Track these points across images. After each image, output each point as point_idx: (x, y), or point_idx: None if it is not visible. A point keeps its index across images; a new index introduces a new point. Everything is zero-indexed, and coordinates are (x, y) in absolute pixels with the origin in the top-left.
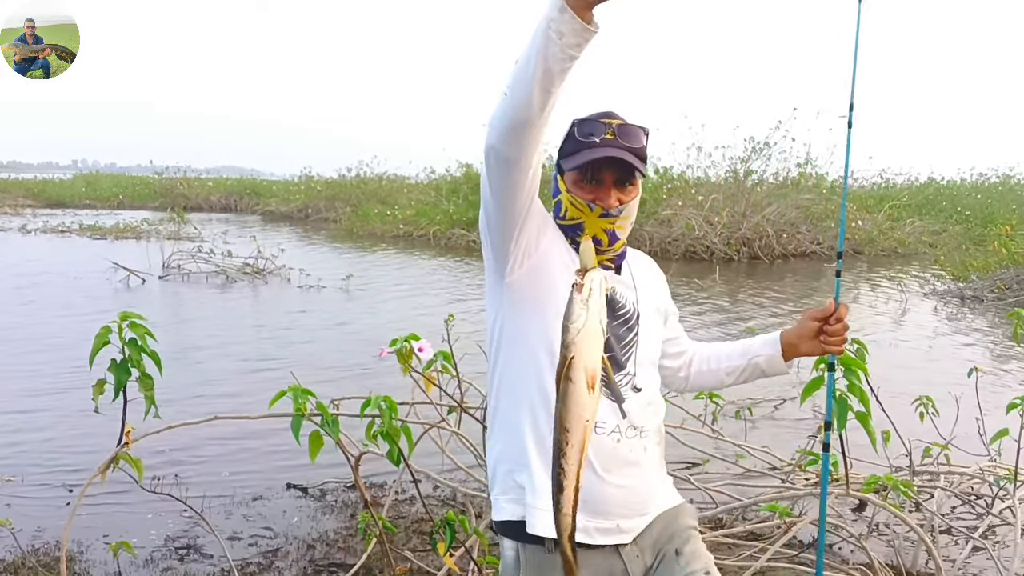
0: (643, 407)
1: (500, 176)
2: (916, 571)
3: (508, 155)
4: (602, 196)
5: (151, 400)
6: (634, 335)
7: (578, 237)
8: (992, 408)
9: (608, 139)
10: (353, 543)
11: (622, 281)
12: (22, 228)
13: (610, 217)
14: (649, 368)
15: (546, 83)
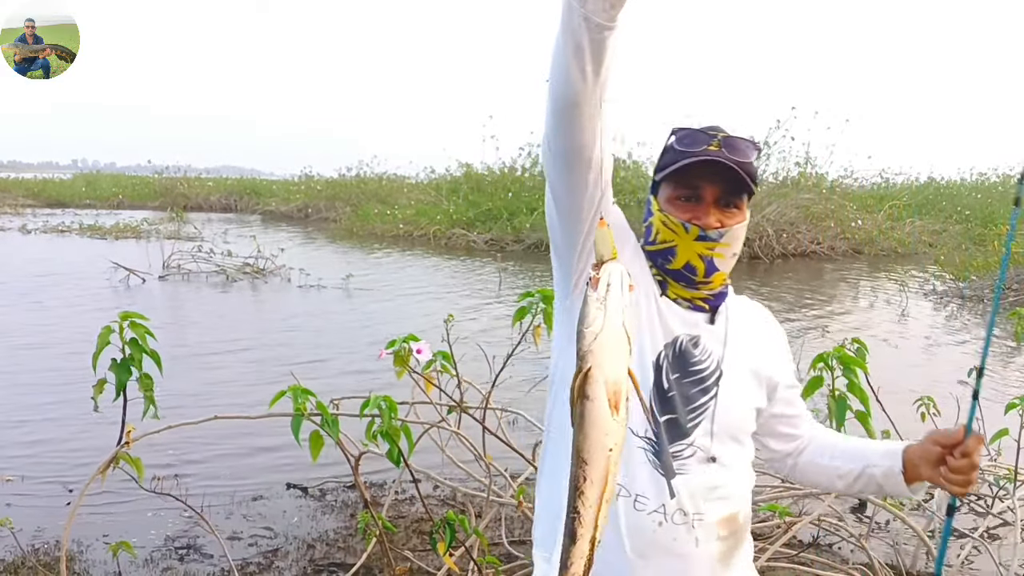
0: (703, 489)
1: (556, 172)
2: (916, 571)
3: (559, 146)
4: (700, 214)
5: (151, 400)
6: (709, 399)
7: (668, 264)
8: (992, 408)
9: (712, 150)
10: (353, 543)
11: (711, 332)
12: (22, 228)
13: (708, 240)
14: (727, 443)
15: (580, 60)
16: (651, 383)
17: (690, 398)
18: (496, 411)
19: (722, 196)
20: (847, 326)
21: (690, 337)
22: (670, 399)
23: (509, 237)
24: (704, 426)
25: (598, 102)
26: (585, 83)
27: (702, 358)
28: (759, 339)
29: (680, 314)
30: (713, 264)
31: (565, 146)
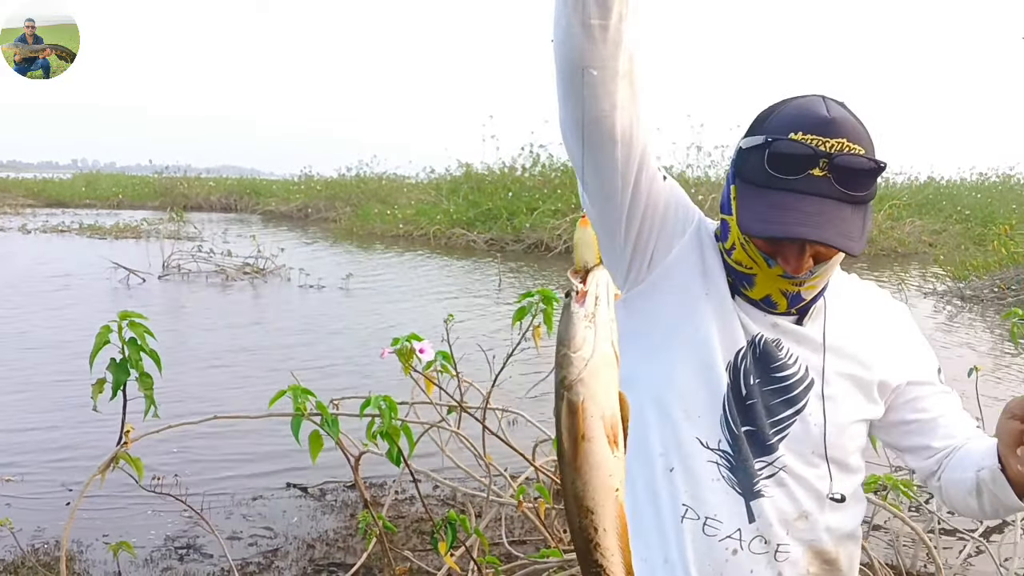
0: (791, 516)
1: (574, 148)
2: (916, 571)
3: (571, 118)
4: (789, 255)
5: (151, 399)
6: (794, 412)
7: (744, 289)
8: (993, 408)
9: (815, 176)
10: (353, 543)
11: (800, 333)
12: (22, 228)
13: (793, 279)
14: (821, 465)
15: (582, 13)
16: (725, 388)
17: (772, 409)
18: (496, 411)
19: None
20: None
21: (772, 338)
22: (750, 408)
23: (509, 237)
24: (789, 443)
25: (614, 64)
26: (591, 40)
27: (787, 362)
28: (867, 334)
29: (757, 314)
30: (800, 297)
31: (577, 117)
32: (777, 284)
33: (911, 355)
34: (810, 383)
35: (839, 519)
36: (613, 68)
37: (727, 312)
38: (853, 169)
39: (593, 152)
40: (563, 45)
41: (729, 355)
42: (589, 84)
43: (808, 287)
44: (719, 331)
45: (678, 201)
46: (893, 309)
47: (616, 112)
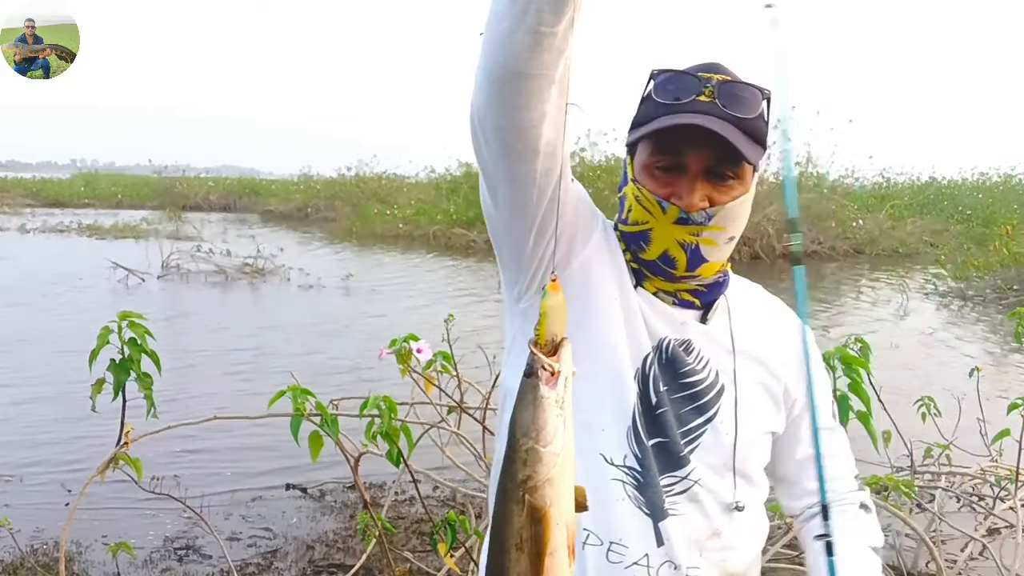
0: (702, 536)
1: (489, 155)
2: (917, 572)
3: (492, 123)
4: (681, 190)
5: (150, 400)
6: (705, 421)
7: (641, 252)
8: (994, 408)
9: (702, 102)
10: (352, 544)
11: (708, 334)
12: (21, 227)
13: (691, 224)
14: (732, 478)
15: (533, 18)
16: (634, 398)
17: (683, 418)
18: (496, 411)
19: (714, 165)
20: (849, 326)
21: (680, 341)
22: (660, 417)
23: None
24: (700, 455)
25: (552, 73)
26: (537, 47)
27: (696, 367)
28: (771, 339)
29: (663, 311)
30: (699, 253)
31: (501, 125)
32: (673, 234)
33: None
34: (721, 389)
35: (748, 535)
36: (550, 76)
37: (633, 314)
38: (739, 95)
39: (512, 163)
40: (501, 48)
41: (637, 362)
42: (523, 91)
43: (706, 239)
44: (627, 336)
45: (585, 204)
46: (793, 320)
47: (544, 122)
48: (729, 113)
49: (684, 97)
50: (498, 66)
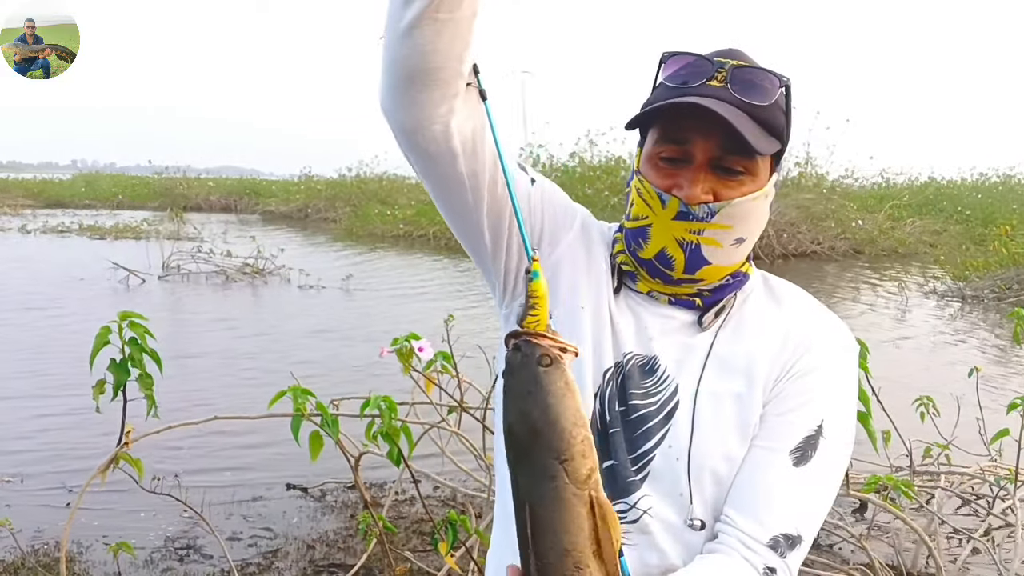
0: (656, 569)
1: (413, 162)
2: (917, 571)
3: (403, 126)
4: (683, 181)
5: (151, 400)
6: (654, 444)
7: (639, 250)
8: (993, 408)
9: (712, 86)
10: (353, 543)
11: (686, 344)
12: (22, 228)
13: (690, 220)
14: (689, 507)
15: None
16: (592, 415)
17: (633, 442)
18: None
19: (721, 156)
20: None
21: (643, 359)
22: (612, 439)
23: None
24: (651, 482)
25: (458, 66)
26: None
27: (653, 388)
28: (770, 349)
29: (648, 318)
30: (699, 254)
31: (409, 126)
32: (672, 230)
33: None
34: (675, 406)
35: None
36: (455, 69)
37: (601, 326)
38: (754, 81)
39: (432, 166)
40: (402, 42)
41: (599, 378)
42: (427, 87)
43: (708, 238)
44: (592, 349)
45: (555, 205)
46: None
47: (453, 119)
48: (741, 99)
49: (694, 81)
50: (399, 62)
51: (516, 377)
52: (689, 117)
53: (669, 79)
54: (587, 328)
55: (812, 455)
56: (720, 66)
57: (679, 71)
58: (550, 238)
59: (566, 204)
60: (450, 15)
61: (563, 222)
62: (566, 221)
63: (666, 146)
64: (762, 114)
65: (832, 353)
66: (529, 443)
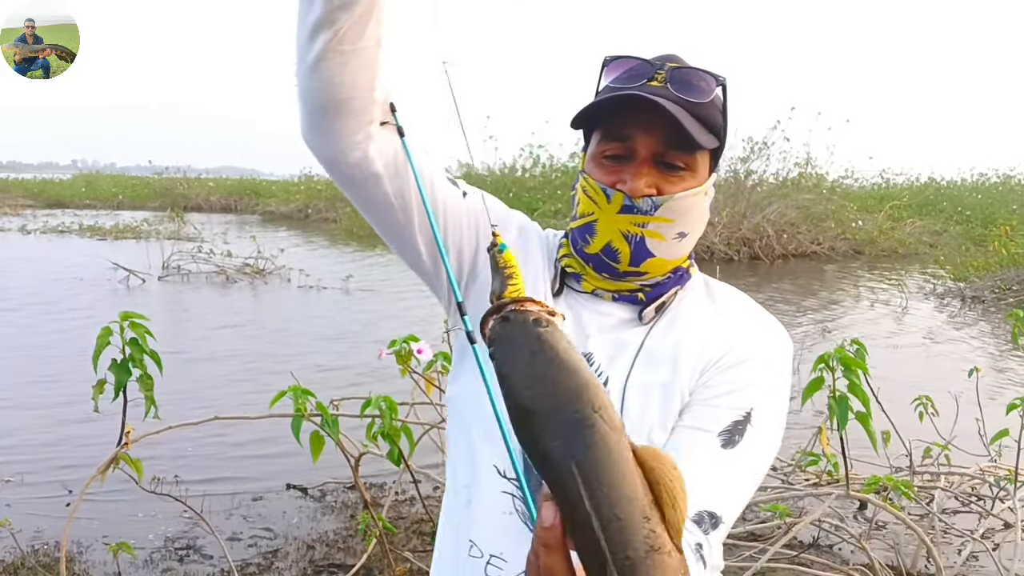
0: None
1: (340, 185)
2: (916, 571)
3: (324, 156)
4: (627, 176)
5: (151, 400)
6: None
7: (586, 246)
8: (992, 408)
9: (653, 86)
10: (353, 544)
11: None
12: (22, 228)
13: (636, 213)
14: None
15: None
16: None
17: None
18: None
19: (663, 152)
20: (848, 326)
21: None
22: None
23: None
24: None
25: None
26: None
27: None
28: (697, 343)
29: (587, 316)
30: (644, 246)
31: (330, 156)
32: (617, 224)
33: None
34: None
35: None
36: (367, 98)
37: None
38: (691, 81)
39: (357, 190)
40: (312, 76)
41: None
42: (341, 116)
43: (652, 231)
44: None
45: (490, 214)
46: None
47: (371, 144)
48: (680, 97)
49: (634, 82)
50: (311, 96)
51: (514, 345)
52: (631, 114)
53: (612, 81)
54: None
55: (739, 440)
56: (659, 67)
57: (621, 74)
58: (479, 264)
59: (502, 212)
60: (354, 46)
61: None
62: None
63: (610, 144)
64: (700, 111)
65: (764, 348)
66: (553, 404)
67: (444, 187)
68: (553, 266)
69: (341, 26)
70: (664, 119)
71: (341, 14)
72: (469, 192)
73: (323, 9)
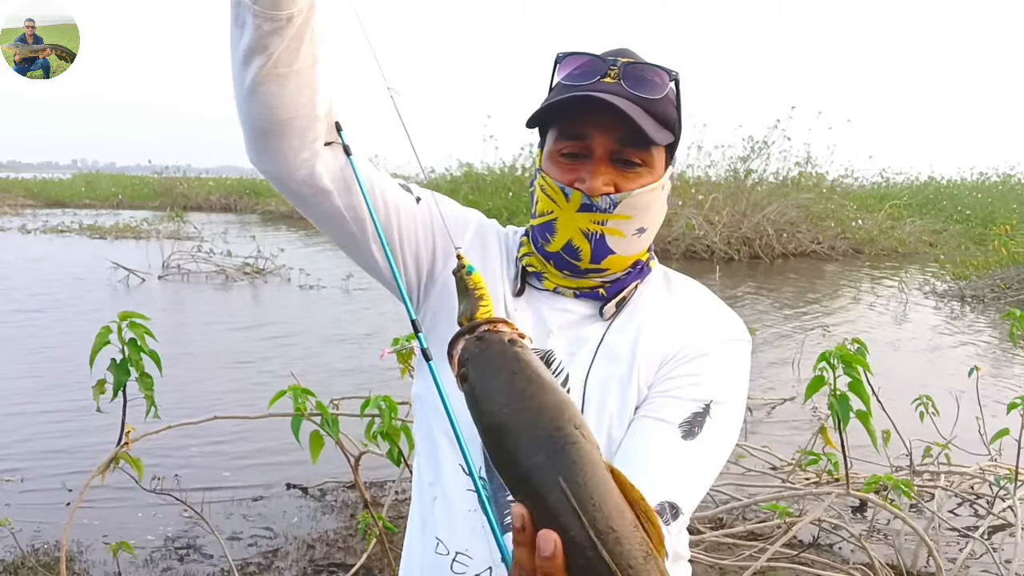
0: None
1: (292, 202)
2: (916, 571)
3: (272, 175)
4: (585, 174)
5: (151, 400)
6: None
7: (547, 244)
8: (993, 408)
9: (606, 83)
10: (353, 543)
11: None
12: (22, 228)
13: (594, 211)
14: None
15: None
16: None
17: None
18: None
19: (619, 149)
20: (848, 326)
21: (540, 353)
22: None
23: None
24: None
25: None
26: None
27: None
28: (655, 335)
29: (548, 313)
30: (604, 243)
31: (277, 175)
32: (576, 222)
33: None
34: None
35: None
36: (309, 115)
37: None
38: (645, 77)
39: (308, 205)
40: (248, 102)
41: None
42: (285, 136)
43: (612, 228)
44: None
45: (445, 218)
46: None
47: (318, 161)
48: (634, 94)
49: (588, 79)
50: (252, 119)
51: (491, 364)
52: (587, 112)
53: (565, 79)
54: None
55: (699, 432)
56: (612, 64)
57: (573, 71)
58: (444, 250)
59: (457, 213)
60: (289, 68)
61: (455, 231)
62: (457, 229)
63: (566, 142)
64: (655, 107)
65: (723, 341)
66: (534, 421)
67: (396, 196)
68: (514, 264)
69: (273, 51)
70: (619, 117)
71: (272, 39)
72: (423, 196)
73: (254, 35)
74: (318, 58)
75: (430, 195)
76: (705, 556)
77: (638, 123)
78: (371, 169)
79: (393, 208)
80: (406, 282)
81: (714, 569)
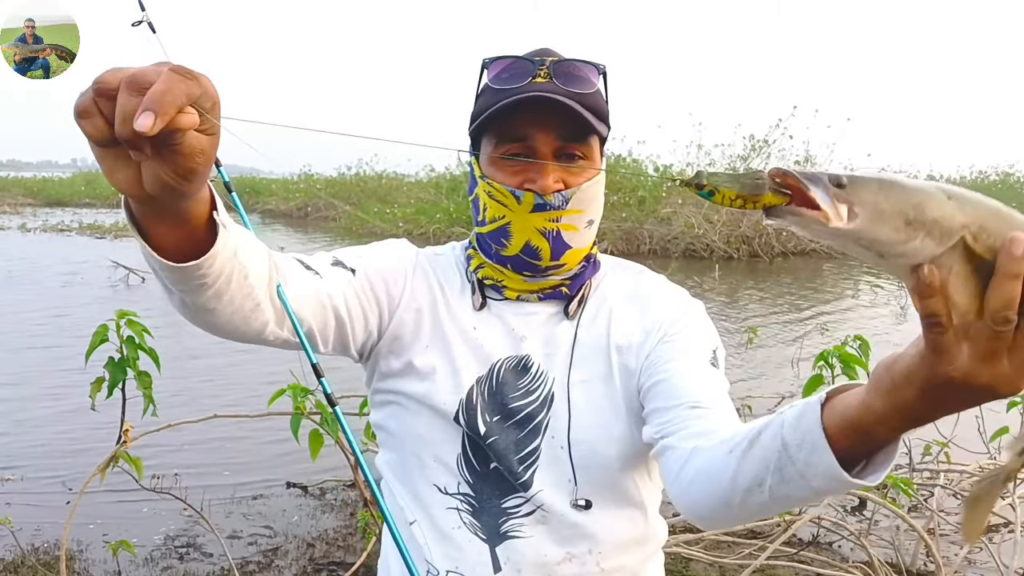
0: (553, 559)
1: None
2: (916, 570)
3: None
4: (533, 175)
5: (149, 398)
6: (540, 440)
7: (503, 250)
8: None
9: (539, 83)
10: (353, 541)
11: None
12: (22, 227)
13: (548, 210)
14: (587, 491)
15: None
16: (460, 434)
17: (518, 444)
18: None
19: (563, 146)
20: (847, 324)
21: (515, 359)
22: (492, 446)
23: None
24: (542, 475)
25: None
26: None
27: (530, 387)
28: (623, 323)
29: (515, 320)
30: (562, 240)
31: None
32: (532, 223)
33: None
34: (552, 397)
35: (608, 556)
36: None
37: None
38: (575, 73)
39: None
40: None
41: (457, 400)
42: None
43: (567, 224)
44: (450, 374)
45: (382, 277)
46: (673, 297)
47: (266, 328)
48: (569, 90)
49: (519, 80)
50: (196, 324)
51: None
52: (524, 113)
53: (494, 82)
54: (437, 359)
55: (718, 367)
56: (540, 64)
57: (501, 73)
58: (388, 305)
59: (393, 265)
60: (219, 301)
61: (395, 281)
62: (398, 279)
63: (508, 145)
64: (589, 101)
65: (688, 304)
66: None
67: (341, 291)
68: (467, 280)
69: (199, 299)
70: (558, 114)
71: (197, 295)
72: (358, 266)
73: (178, 296)
74: (248, 272)
75: (368, 257)
76: (705, 554)
77: (585, 116)
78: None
79: (343, 303)
80: (358, 349)
81: (714, 567)
